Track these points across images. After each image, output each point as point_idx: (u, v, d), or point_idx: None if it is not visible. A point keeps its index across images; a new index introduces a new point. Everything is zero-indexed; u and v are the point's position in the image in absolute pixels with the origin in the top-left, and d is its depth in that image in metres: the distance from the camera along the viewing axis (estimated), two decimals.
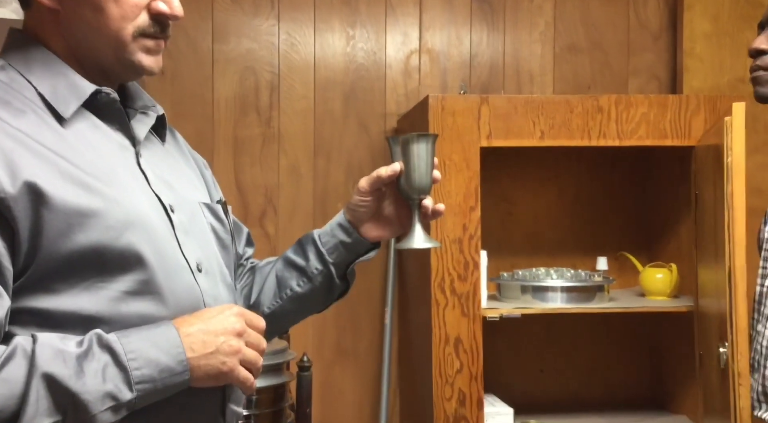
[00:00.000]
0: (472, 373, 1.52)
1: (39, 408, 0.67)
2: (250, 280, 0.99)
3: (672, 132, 1.57)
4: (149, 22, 0.79)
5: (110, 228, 0.73)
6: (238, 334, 0.76)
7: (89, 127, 0.78)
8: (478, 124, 1.55)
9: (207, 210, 0.88)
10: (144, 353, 0.71)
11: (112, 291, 0.73)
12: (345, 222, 0.94)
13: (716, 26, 1.89)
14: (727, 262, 1.20)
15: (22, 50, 0.79)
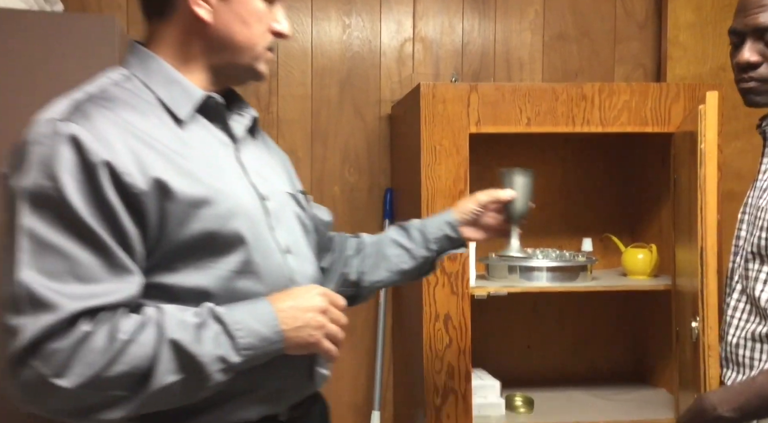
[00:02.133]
0: (460, 348, 1.60)
1: (167, 367, 0.80)
2: (359, 251, 1.19)
3: (653, 119, 1.64)
4: (273, 40, 0.95)
5: (219, 216, 0.86)
6: (322, 311, 0.89)
7: (199, 127, 0.91)
8: (467, 111, 1.62)
9: (292, 199, 1.01)
10: (247, 325, 0.84)
11: (220, 270, 0.87)
12: (454, 221, 1.20)
13: (699, 16, 1.95)
14: (699, 242, 1.28)
15: (142, 61, 0.91)
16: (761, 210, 1.12)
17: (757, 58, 1.10)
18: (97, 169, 0.79)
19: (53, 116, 0.82)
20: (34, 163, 0.79)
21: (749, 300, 1.16)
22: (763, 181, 1.17)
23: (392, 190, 2.00)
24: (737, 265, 1.20)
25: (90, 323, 0.78)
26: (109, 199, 0.79)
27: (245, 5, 0.90)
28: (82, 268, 0.78)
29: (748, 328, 1.15)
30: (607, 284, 1.73)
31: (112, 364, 0.78)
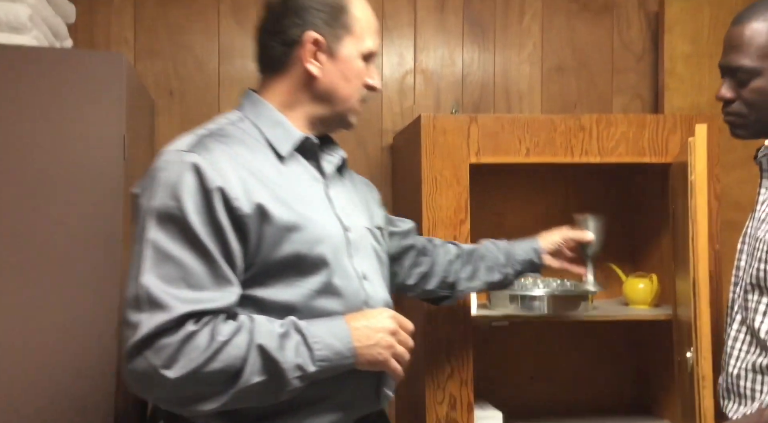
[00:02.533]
0: (462, 378, 1.60)
1: (254, 368, 0.93)
2: (457, 260, 1.37)
3: (650, 150, 1.66)
4: (366, 93, 1.12)
5: (307, 241, 0.99)
6: (392, 332, 1.01)
7: (296, 164, 1.07)
8: (467, 141, 1.64)
9: (370, 234, 1.14)
10: (324, 339, 0.96)
11: (305, 288, 0.99)
12: (540, 249, 1.41)
13: (695, 47, 1.99)
14: (691, 272, 1.29)
15: (254, 105, 1.09)
16: (760, 241, 1.13)
17: (730, 95, 1.16)
18: (213, 194, 0.94)
19: (180, 148, 0.98)
20: (161, 185, 0.95)
21: (749, 331, 1.16)
22: (761, 211, 1.19)
23: None
24: (737, 295, 1.21)
25: (195, 324, 0.91)
26: (220, 219, 0.94)
27: (349, 64, 1.07)
28: (194, 277, 0.92)
29: (748, 359, 1.15)
30: (609, 314, 1.73)
31: (210, 361, 0.91)
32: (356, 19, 1.08)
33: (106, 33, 1.97)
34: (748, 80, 1.14)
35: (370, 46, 1.09)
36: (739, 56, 1.15)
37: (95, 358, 1.37)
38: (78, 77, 1.40)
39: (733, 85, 1.16)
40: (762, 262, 1.11)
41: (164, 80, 1.99)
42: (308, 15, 1.06)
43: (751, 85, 1.14)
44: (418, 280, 1.34)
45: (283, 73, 1.08)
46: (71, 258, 1.38)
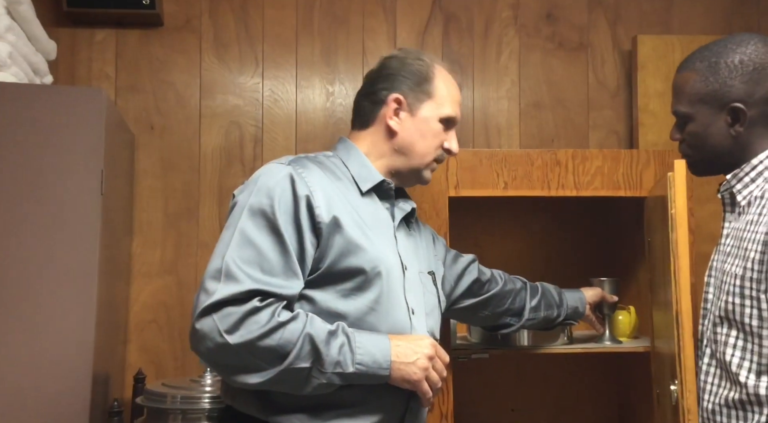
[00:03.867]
0: (442, 412, 1.58)
1: (300, 353, 1.03)
2: (522, 290, 1.52)
3: (625, 184, 1.69)
4: (442, 154, 1.26)
5: (370, 260, 1.10)
6: (429, 357, 1.10)
7: (373, 202, 1.21)
8: (446, 175, 1.66)
9: (427, 278, 1.26)
10: (366, 346, 1.06)
11: (358, 303, 1.10)
12: (585, 301, 1.60)
13: (668, 85, 2.00)
14: (674, 305, 1.30)
15: (346, 149, 1.25)
16: (726, 274, 1.15)
17: (677, 137, 1.24)
18: (300, 200, 1.09)
19: (281, 162, 1.15)
20: (259, 187, 1.10)
21: (719, 364, 1.17)
22: (725, 245, 1.21)
23: None
24: (706, 328, 1.22)
25: (260, 302, 1.02)
26: (302, 221, 1.08)
27: (426, 123, 1.22)
28: (268, 263, 1.05)
29: (721, 393, 1.16)
30: (587, 346, 1.73)
31: (266, 336, 1.01)
32: (438, 87, 1.24)
33: (88, 69, 1.99)
34: (684, 124, 1.21)
35: (449, 112, 1.24)
36: (675, 102, 1.22)
37: (69, 393, 1.34)
38: (57, 113, 1.41)
39: (678, 128, 1.23)
40: (731, 295, 1.12)
41: (145, 115, 2.00)
42: (397, 81, 1.23)
43: (687, 129, 1.21)
44: (488, 304, 1.47)
45: (370, 127, 1.24)
46: (47, 290, 1.37)
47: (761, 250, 1.08)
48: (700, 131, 1.19)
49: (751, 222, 1.13)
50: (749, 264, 1.10)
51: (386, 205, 1.22)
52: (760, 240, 1.09)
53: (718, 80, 1.17)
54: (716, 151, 1.19)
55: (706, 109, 1.18)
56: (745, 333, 1.11)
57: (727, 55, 1.17)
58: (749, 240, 1.12)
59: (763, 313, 1.07)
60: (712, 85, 1.17)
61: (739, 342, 1.12)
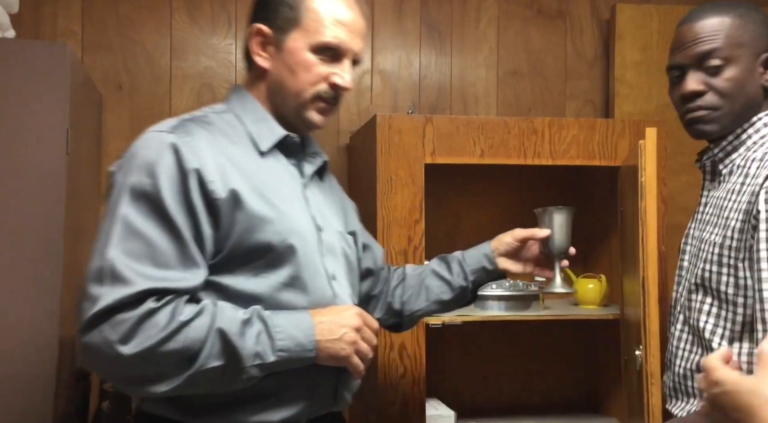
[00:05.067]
0: (415, 378, 1.60)
1: (211, 352, 0.91)
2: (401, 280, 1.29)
3: (600, 153, 1.70)
4: (326, 90, 1.06)
5: (278, 232, 0.98)
6: (356, 328, 0.99)
7: (276, 160, 1.06)
8: (422, 142, 1.65)
9: (343, 238, 1.13)
10: (287, 330, 0.95)
11: (272, 280, 0.98)
12: (491, 253, 1.28)
13: (645, 56, 2.05)
14: (641, 272, 1.32)
15: (240, 100, 1.08)
16: (704, 242, 1.16)
17: (702, 87, 1.14)
18: (189, 174, 0.94)
19: (161, 129, 0.98)
20: (138, 163, 0.94)
21: (692, 330, 1.19)
22: (704, 213, 1.22)
23: None
24: (680, 295, 1.24)
25: (156, 302, 0.90)
26: (194, 200, 0.94)
27: (294, 56, 1.04)
28: (161, 255, 0.92)
29: (692, 358, 1.18)
30: (558, 313, 1.76)
31: (168, 340, 0.89)
32: (307, 11, 1.04)
33: (53, 25, 1.90)
34: (721, 68, 1.13)
35: (322, 39, 1.03)
36: (711, 44, 1.13)
37: (34, 358, 1.32)
38: (19, 68, 1.35)
39: (701, 77, 1.14)
40: (708, 263, 1.14)
41: (113, 75, 1.93)
42: (265, 8, 1.07)
43: (725, 75, 1.13)
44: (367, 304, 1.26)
45: (252, 68, 1.09)
46: (10, 253, 1.33)
47: (743, 219, 1.08)
48: (740, 77, 1.12)
49: (733, 191, 1.14)
50: (729, 232, 1.11)
51: (293, 162, 1.08)
52: (742, 209, 1.09)
53: (754, 28, 1.14)
54: (749, 102, 1.14)
55: (747, 54, 1.13)
56: (720, 300, 1.13)
57: (752, 6, 1.16)
58: (730, 209, 1.12)
59: (739, 281, 1.09)
60: (752, 31, 1.13)
61: (713, 309, 1.14)
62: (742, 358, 1.10)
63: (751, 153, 1.15)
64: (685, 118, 1.20)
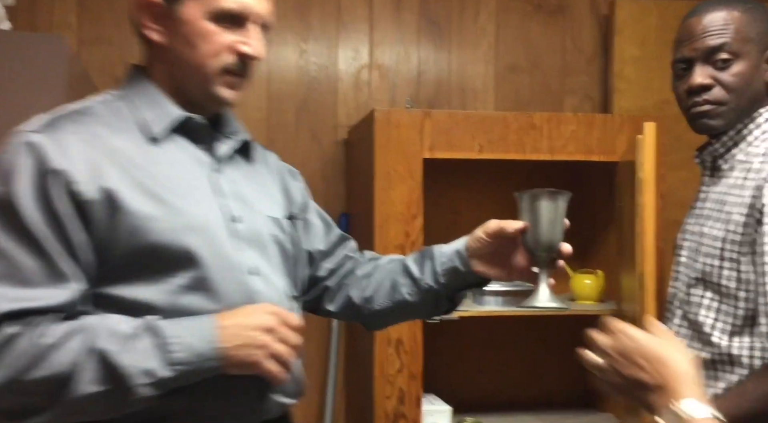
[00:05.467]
0: (411, 373, 1.60)
1: (89, 376, 0.79)
2: (369, 273, 1.09)
3: (598, 148, 1.69)
4: (234, 61, 0.92)
5: (171, 231, 0.86)
6: (268, 330, 0.86)
7: (176, 147, 0.93)
8: (421, 136, 1.64)
9: (274, 224, 0.99)
10: (184, 340, 0.83)
11: (169, 285, 0.86)
12: (464, 251, 1.01)
13: (644, 51, 2.04)
14: (638, 267, 1.32)
15: (135, 82, 0.95)
16: (705, 237, 1.16)
17: (709, 81, 1.14)
18: (50, 176, 0.83)
19: (26, 128, 0.87)
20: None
21: (690, 325, 1.19)
22: (703, 208, 1.22)
23: (347, 214, 2.00)
24: (677, 290, 1.24)
25: (17, 326, 0.79)
26: (57, 205, 0.82)
27: (190, 26, 0.91)
28: (20, 271, 0.81)
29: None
30: (556, 309, 1.75)
31: (32, 367, 0.79)
32: None
33: (49, 17, 1.89)
34: (729, 63, 1.13)
35: (222, 4, 0.90)
36: (720, 38, 1.12)
37: None
38: (15, 60, 1.34)
39: (709, 71, 1.14)
40: (709, 257, 1.14)
41: (109, 68, 1.92)
42: None
43: (733, 70, 1.12)
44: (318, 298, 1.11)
45: (147, 44, 0.95)
46: None
47: (746, 213, 1.09)
48: (747, 72, 1.12)
49: (735, 185, 1.14)
50: (732, 226, 1.11)
51: (202, 146, 0.95)
52: (746, 203, 1.09)
53: (761, 24, 1.14)
54: (753, 98, 1.14)
55: (755, 50, 1.13)
56: (720, 294, 1.13)
57: (758, 2, 1.16)
58: (732, 203, 1.12)
59: (741, 275, 1.09)
60: (759, 27, 1.13)
61: (713, 303, 1.14)
62: (743, 352, 1.10)
63: (753, 148, 1.15)
64: (689, 112, 1.19)
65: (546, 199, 0.95)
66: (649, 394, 0.70)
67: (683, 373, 0.69)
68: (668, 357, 0.71)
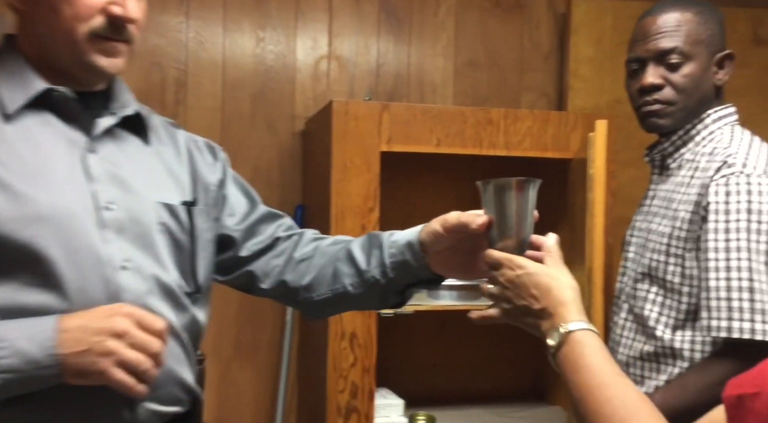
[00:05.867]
0: (365, 367, 1.59)
1: None
2: (308, 256, 0.96)
3: (553, 145, 1.72)
4: (104, 24, 0.83)
5: (11, 221, 0.76)
6: (117, 334, 0.74)
7: (38, 124, 0.82)
8: (379, 129, 1.63)
9: (164, 210, 0.88)
10: (15, 343, 0.72)
11: (11, 281, 0.76)
12: (417, 244, 0.89)
13: (598, 51, 2.08)
14: (587, 262, 1.34)
15: (2, 55, 0.86)
16: (652, 233, 1.19)
17: (660, 81, 1.17)
18: None
19: None
20: None
21: (636, 319, 1.22)
22: (651, 205, 1.25)
23: (303, 206, 1.98)
24: (624, 284, 1.27)
25: None
26: None
27: None
28: None
29: (636, 346, 1.21)
30: None
31: None
32: None
33: None
34: (680, 65, 1.16)
35: None
36: (672, 40, 1.16)
37: None
38: None
39: (660, 72, 1.17)
40: (655, 253, 1.17)
41: None
42: None
43: (683, 71, 1.16)
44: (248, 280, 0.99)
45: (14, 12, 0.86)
46: None
47: (692, 211, 1.12)
48: (697, 74, 1.16)
49: (682, 184, 1.17)
50: (678, 223, 1.14)
51: (73, 123, 0.84)
52: (692, 200, 1.13)
53: (712, 27, 1.17)
54: (702, 99, 1.18)
55: (705, 52, 1.17)
56: (665, 289, 1.16)
57: (711, 6, 1.20)
58: (679, 201, 1.16)
59: (685, 271, 1.12)
60: (710, 30, 1.17)
61: (658, 298, 1.17)
62: (685, 345, 1.13)
63: (700, 148, 1.18)
64: (640, 111, 1.23)
65: (514, 190, 0.81)
66: (538, 320, 0.77)
67: (568, 300, 0.75)
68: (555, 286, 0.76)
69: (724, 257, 1.05)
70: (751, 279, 1.03)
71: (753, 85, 2.11)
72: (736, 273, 1.04)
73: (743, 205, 1.05)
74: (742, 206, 1.05)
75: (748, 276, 1.03)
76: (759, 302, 1.02)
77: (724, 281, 1.05)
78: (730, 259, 1.05)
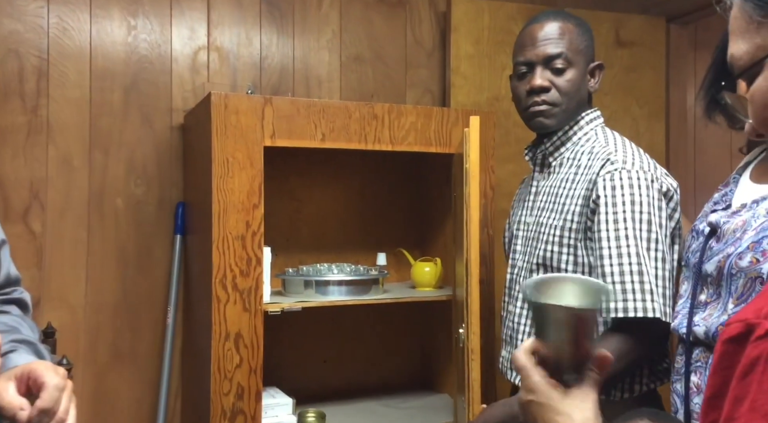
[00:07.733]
0: (251, 367, 1.55)
1: None
2: None
3: (436, 140, 1.76)
4: None
5: None
6: None
7: None
8: (261, 123, 1.59)
9: None
10: None
11: None
12: None
13: (477, 49, 2.15)
14: (465, 254, 1.38)
15: None
16: (544, 226, 1.27)
17: (547, 83, 1.27)
18: None
19: None
20: None
21: None
22: (537, 201, 1.32)
23: (184, 203, 1.89)
24: (516, 275, 1.34)
25: None
26: None
27: None
28: None
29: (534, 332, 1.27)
30: (395, 296, 1.80)
31: None
32: None
33: None
34: (564, 70, 1.26)
35: None
36: (558, 47, 1.26)
37: None
38: None
39: (547, 75, 1.27)
40: (549, 244, 1.24)
41: None
42: None
43: (567, 76, 1.26)
44: None
45: None
46: None
47: (581, 204, 1.21)
48: (577, 79, 1.27)
49: (566, 180, 1.26)
50: (569, 216, 1.22)
51: None
52: (580, 195, 1.22)
53: (587, 39, 1.29)
54: (579, 103, 1.29)
55: (582, 61, 1.28)
56: None
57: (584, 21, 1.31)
58: (566, 196, 1.25)
59: (578, 259, 1.21)
60: (586, 41, 1.29)
61: None
62: None
63: (579, 147, 1.28)
64: (527, 111, 1.31)
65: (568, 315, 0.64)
66: None
67: None
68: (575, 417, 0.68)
69: (615, 245, 1.14)
70: (639, 263, 1.12)
71: (616, 85, 2.28)
72: (627, 258, 1.12)
73: (627, 198, 1.15)
74: (627, 199, 1.15)
75: (637, 261, 1.12)
76: (647, 284, 1.11)
77: (617, 267, 1.13)
78: (620, 247, 1.13)
